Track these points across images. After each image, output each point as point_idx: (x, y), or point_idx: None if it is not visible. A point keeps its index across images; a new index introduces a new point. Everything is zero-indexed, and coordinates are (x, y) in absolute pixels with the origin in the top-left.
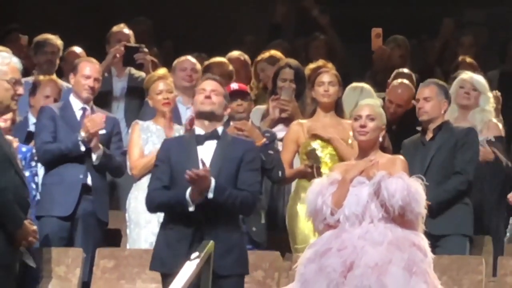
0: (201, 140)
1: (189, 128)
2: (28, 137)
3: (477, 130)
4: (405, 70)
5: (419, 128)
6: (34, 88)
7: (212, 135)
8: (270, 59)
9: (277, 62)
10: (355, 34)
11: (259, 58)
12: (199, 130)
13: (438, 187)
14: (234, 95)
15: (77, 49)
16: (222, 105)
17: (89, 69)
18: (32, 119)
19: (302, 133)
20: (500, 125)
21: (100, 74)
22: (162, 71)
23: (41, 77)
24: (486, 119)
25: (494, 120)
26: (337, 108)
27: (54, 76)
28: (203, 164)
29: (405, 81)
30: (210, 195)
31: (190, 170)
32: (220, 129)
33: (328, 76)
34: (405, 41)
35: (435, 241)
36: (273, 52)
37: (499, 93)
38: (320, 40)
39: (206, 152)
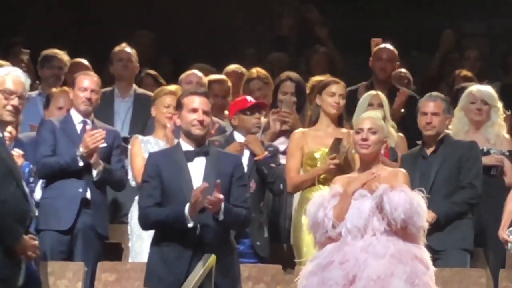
0: (190, 156)
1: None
2: None
3: (490, 144)
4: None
5: (419, 142)
6: (47, 101)
7: (201, 151)
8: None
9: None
10: (355, 45)
11: (248, 77)
12: (186, 146)
13: (445, 200)
14: (252, 109)
15: (84, 61)
16: (211, 123)
17: (85, 81)
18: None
19: (305, 141)
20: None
21: (98, 86)
22: (174, 86)
23: (54, 89)
24: (499, 133)
25: (506, 135)
26: (339, 119)
27: (66, 88)
28: (218, 186)
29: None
30: (221, 217)
31: (185, 187)
32: (206, 143)
33: (340, 88)
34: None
35: (436, 254)
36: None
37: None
38: (320, 53)
39: (197, 168)
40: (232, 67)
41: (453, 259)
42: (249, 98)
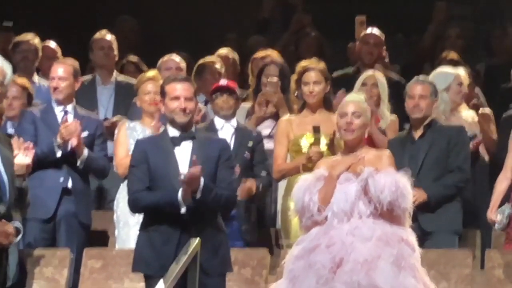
0: (177, 141)
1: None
2: None
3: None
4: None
5: (406, 126)
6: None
7: (188, 136)
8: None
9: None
10: (339, 30)
11: (257, 55)
12: (172, 131)
13: (434, 183)
14: (221, 91)
15: (51, 44)
16: (196, 108)
17: (54, 70)
18: (9, 123)
19: (290, 128)
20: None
21: (66, 72)
22: (152, 72)
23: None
24: (475, 116)
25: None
26: (325, 103)
27: (16, 76)
28: (195, 163)
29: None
30: (198, 195)
31: (172, 172)
32: (193, 128)
33: (313, 75)
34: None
35: (425, 235)
36: (270, 51)
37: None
38: (311, 37)
39: (183, 153)
40: (224, 51)
41: (442, 241)
42: (221, 81)
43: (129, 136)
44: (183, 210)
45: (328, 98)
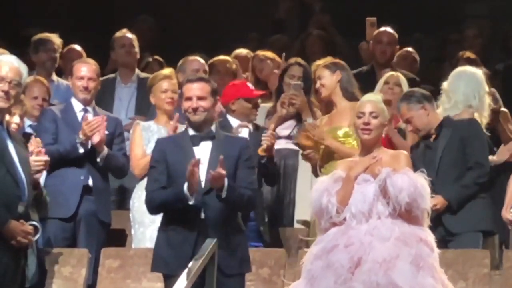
0: (196, 141)
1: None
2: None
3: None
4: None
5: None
6: (23, 91)
7: (207, 136)
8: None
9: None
10: (357, 28)
11: (257, 52)
12: (192, 131)
13: (454, 184)
14: (256, 99)
15: (77, 47)
16: (213, 105)
17: (82, 69)
18: (26, 122)
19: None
20: None
21: (95, 73)
22: (167, 70)
23: (27, 79)
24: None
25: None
26: (344, 93)
27: (38, 76)
28: (221, 162)
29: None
30: (224, 194)
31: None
32: (213, 127)
33: (319, 71)
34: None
35: (450, 236)
36: (270, 53)
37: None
38: (314, 36)
39: (203, 152)
40: (244, 52)
41: (466, 242)
42: (250, 85)
43: (144, 136)
44: (191, 202)
45: (345, 87)
